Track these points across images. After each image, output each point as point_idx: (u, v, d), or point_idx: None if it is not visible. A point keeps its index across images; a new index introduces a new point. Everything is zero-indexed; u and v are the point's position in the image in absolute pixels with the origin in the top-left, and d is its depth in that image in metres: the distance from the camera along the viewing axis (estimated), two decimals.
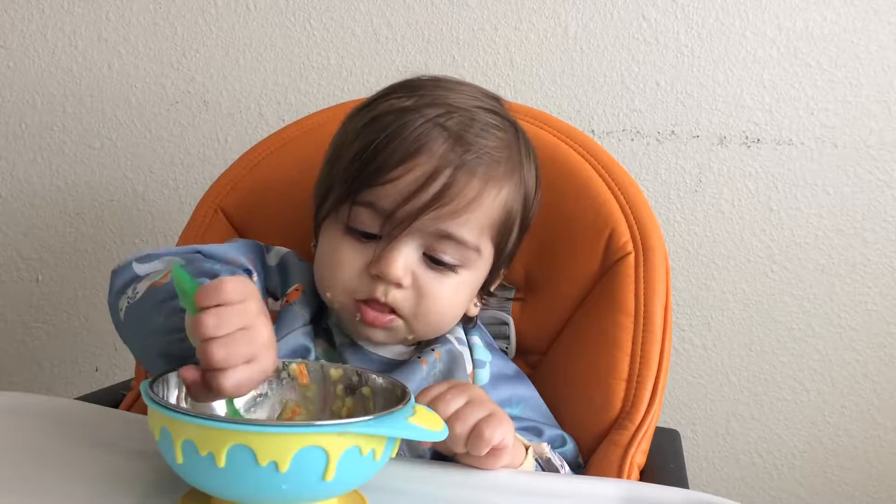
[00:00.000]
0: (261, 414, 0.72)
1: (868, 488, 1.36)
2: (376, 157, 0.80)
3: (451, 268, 0.82)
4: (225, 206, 1.05)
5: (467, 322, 0.92)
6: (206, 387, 0.62)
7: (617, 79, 1.30)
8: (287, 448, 0.58)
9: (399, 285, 0.80)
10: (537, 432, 0.87)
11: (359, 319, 0.82)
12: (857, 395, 1.34)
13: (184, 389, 0.69)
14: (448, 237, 0.81)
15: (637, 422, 0.90)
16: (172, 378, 0.68)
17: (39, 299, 1.46)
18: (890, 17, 1.25)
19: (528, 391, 0.92)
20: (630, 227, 0.96)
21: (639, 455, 0.88)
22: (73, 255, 1.44)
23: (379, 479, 0.65)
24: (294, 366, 0.73)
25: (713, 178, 1.30)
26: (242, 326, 0.61)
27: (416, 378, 0.84)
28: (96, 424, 0.78)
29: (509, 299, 0.99)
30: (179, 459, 0.60)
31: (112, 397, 1.01)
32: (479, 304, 0.91)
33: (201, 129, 1.38)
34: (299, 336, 0.84)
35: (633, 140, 1.31)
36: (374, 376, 0.71)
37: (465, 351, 0.89)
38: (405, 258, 0.80)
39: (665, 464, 0.94)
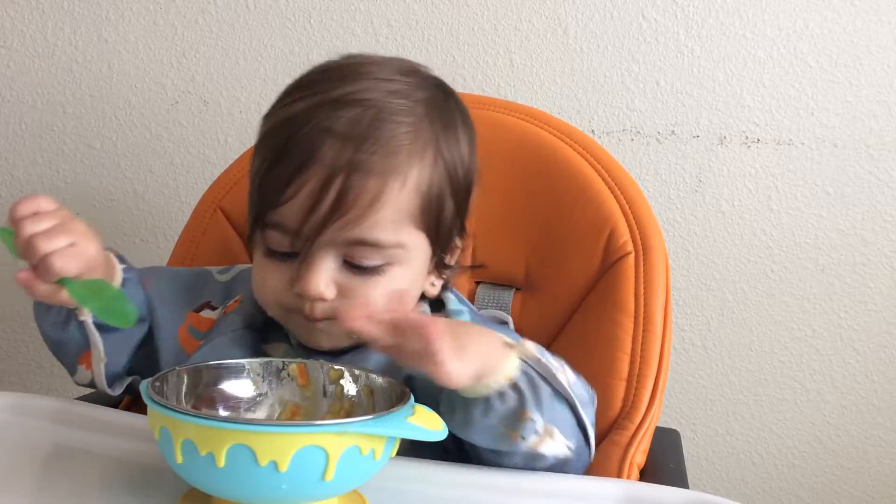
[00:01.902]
0: (260, 414, 0.72)
1: (868, 488, 1.36)
2: (270, 177, 0.78)
3: (376, 270, 0.79)
4: (224, 206, 1.05)
5: (435, 302, 0.89)
6: (39, 278, 0.72)
7: (617, 79, 1.30)
8: (287, 448, 0.58)
9: (323, 299, 0.79)
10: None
11: (295, 335, 0.83)
12: (857, 395, 1.34)
13: (185, 389, 0.69)
14: (360, 243, 0.78)
15: (637, 421, 0.90)
16: (172, 377, 0.68)
17: None
18: (890, 17, 1.25)
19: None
20: (630, 226, 0.96)
21: (639, 455, 0.88)
22: None
23: (379, 479, 0.65)
24: (294, 366, 0.73)
25: (713, 178, 1.30)
26: (59, 222, 0.71)
27: (372, 360, 0.82)
28: (96, 424, 0.78)
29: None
30: (179, 459, 0.60)
31: (112, 397, 1.01)
32: (436, 282, 0.87)
33: (201, 129, 1.38)
34: (225, 342, 0.84)
35: (633, 140, 1.31)
36: (374, 376, 0.71)
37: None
38: (323, 273, 0.78)
39: (665, 464, 0.94)
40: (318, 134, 0.77)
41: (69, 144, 1.41)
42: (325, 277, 0.78)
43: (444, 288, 0.90)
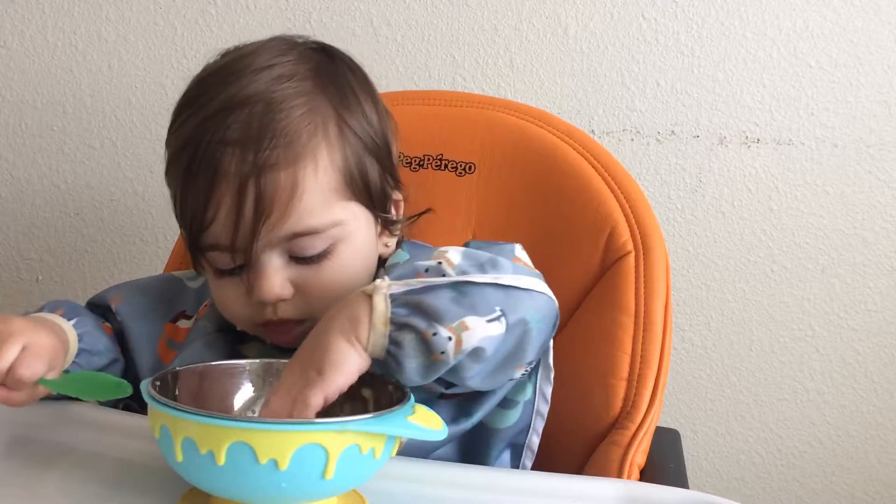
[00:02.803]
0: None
1: (868, 488, 1.36)
2: (186, 207, 0.78)
3: (323, 254, 0.79)
4: None
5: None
6: (14, 390, 0.71)
7: (617, 79, 1.30)
8: (287, 446, 0.58)
9: (283, 299, 0.79)
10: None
11: (269, 342, 0.83)
12: (857, 395, 1.34)
13: (185, 389, 0.69)
14: (296, 236, 0.77)
15: (637, 422, 0.90)
16: (172, 378, 0.68)
17: (39, 299, 1.45)
18: (890, 17, 1.25)
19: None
20: (630, 226, 0.96)
21: (639, 455, 0.88)
22: (73, 255, 1.44)
23: (379, 479, 0.65)
24: None
25: (713, 178, 1.30)
26: None
27: None
28: (96, 424, 0.78)
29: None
30: (179, 457, 0.60)
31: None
32: (389, 241, 0.87)
33: None
34: (199, 347, 0.85)
35: (633, 140, 1.31)
36: (374, 376, 0.71)
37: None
38: (272, 275, 0.78)
39: (665, 464, 0.94)
40: (214, 148, 0.75)
41: (69, 144, 1.41)
42: (277, 279, 0.78)
43: (399, 245, 0.89)
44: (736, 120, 1.29)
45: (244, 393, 0.72)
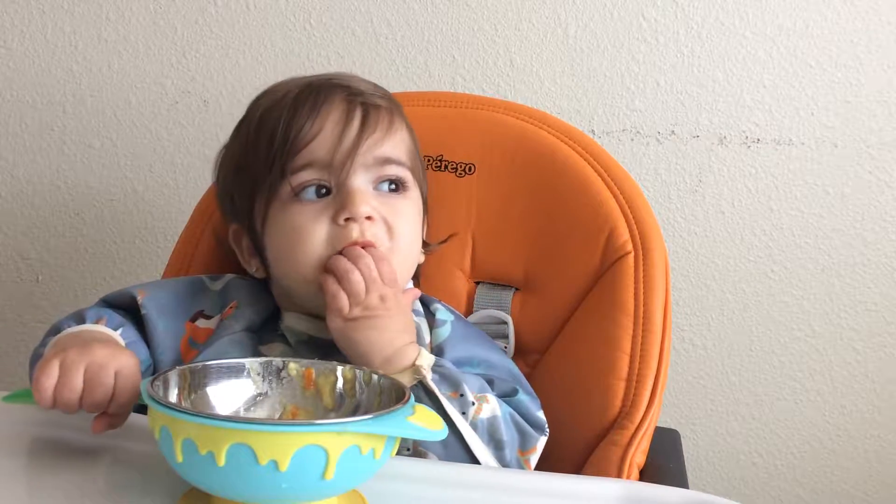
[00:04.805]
0: (261, 414, 0.72)
1: (868, 488, 1.36)
2: (292, 125, 0.85)
3: (402, 189, 0.88)
4: None
5: (415, 277, 0.95)
6: (114, 414, 0.72)
7: (617, 79, 1.30)
8: (287, 447, 0.58)
9: (370, 218, 0.84)
10: (489, 381, 0.87)
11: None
12: (857, 395, 1.34)
13: (185, 389, 0.69)
14: (387, 161, 0.86)
15: (637, 421, 0.90)
16: (172, 377, 0.68)
17: (39, 299, 1.46)
18: (890, 17, 1.25)
19: (495, 356, 0.91)
20: (629, 226, 0.96)
21: (639, 455, 0.88)
22: (73, 255, 1.44)
23: (379, 479, 0.65)
24: (293, 365, 0.73)
25: (713, 178, 1.31)
26: (84, 366, 0.71)
27: None
28: None
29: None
30: (179, 458, 0.60)
31: None
32: (423, 252, 0.94)
33: (201, 129, 1.38)
34: (224, 344, 0.87)
35: (633, 140, 1.31)
36: (375, 376, 0.71)
37: (423, 322, 0.90)
38: (363, 193, 0.84)
39: (665, 464, 0.94)
40: (322, 83, 0.88)
41: (69, 144, 1.41)
42: (365, 196, 0.84)
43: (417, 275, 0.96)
44: (736, 120, 1.29)
45: (245, 392, 0.72)
